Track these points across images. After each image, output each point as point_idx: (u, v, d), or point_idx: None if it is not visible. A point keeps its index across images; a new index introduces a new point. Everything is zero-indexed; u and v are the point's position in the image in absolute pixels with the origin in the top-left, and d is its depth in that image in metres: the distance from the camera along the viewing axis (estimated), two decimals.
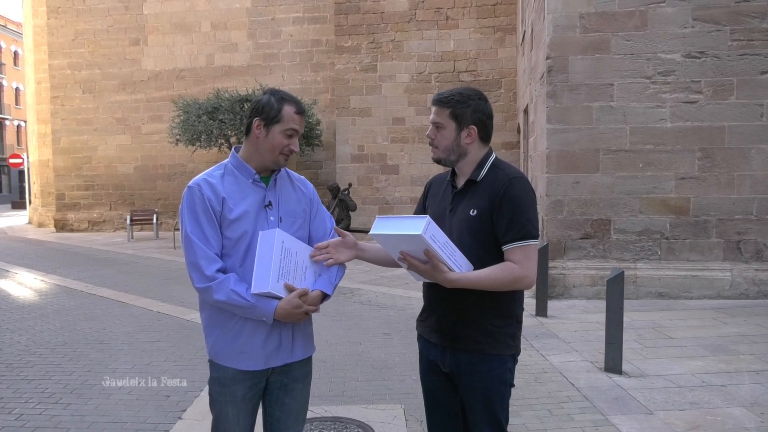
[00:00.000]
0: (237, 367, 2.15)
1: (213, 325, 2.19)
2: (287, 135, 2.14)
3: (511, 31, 14.21)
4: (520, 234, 2.01)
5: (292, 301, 2.08)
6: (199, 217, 2.09)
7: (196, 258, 2.07)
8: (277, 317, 2.08)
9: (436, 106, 2.17)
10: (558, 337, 5.65)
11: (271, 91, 2.19)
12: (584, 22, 7.31)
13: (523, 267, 2.00)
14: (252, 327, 2.14)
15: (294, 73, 16.46)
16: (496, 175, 2.11)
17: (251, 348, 2.14)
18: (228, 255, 2.12)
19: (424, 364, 2.34)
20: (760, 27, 7.02)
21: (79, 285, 9.09)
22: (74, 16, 17.63)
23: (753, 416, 3.71)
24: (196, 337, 5.97)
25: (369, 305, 7.37)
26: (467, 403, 2.18)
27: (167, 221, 17.04)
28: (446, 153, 2.16)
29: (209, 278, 2.06)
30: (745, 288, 7.04)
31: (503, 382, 2.14)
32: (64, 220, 18.20)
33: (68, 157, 18.03)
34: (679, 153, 7.21)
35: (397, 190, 14.80)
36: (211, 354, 2.21)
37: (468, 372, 2.13)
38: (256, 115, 2.15)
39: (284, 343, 2.19)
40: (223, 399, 2.18)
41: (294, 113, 2.15)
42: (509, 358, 2.16)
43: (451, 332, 2.15)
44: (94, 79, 17.70)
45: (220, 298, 2.05)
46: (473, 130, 2.13)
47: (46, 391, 4.48)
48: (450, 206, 2.18)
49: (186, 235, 2.09)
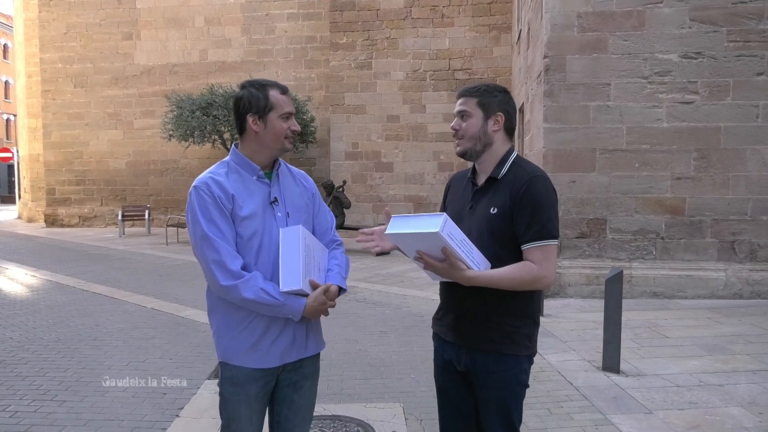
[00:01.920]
0: (251, 366, 2.12)
1: (227, 327, 2.15)
2: (284, 118, 2.12)
3: (506, 29, 14.22)
4: (540, 234, 1.99)
5: (318, 298, 2.07)
6: (213, 214, 2.04)
7: (220, 256, 2.01)
8: (306, 314, 2.07)
9: (463, 96, 2.16)
10: (555, 336, 5.66)
11: (248, 83, 2.16)
12: (582, 21, 7.32)
13: (542, 267, 1.99)
14: (265, 325, 2.11)
15: (288, 69, 16.38)
16: (517, 173, 2.09)
17: (265, 345, 2.12)
18: (241, 254, 2.07)
19: (439, 364, 2.33)
20: (756, 28, 7.05)
21: (71, 281, 9.00)
22: (66, 10, 17.46)
23: (751, 416, 3.72)
24: (192, 334, 5.93)
25: (365, 303, 7.35)
26: (482, 403, 2.17)
27: (159, 217, 16.94)
28: (472, 142, 2.14)
29: (236, 275, 2.00)
30: (739, 288, 7.08)
31: (519, 382, 2.13)
32: (54, 216, 18.04)
33: (59, 152, 17.87)
34: (675, 153, 7.24)
35: (391, 188, 14.79)
36: (224, 356, 2.17)
37: (484, 372, 2.12)
38: (246, 111, 2.11)
39: (298, 338, 2.17)
40: (237, 399, 2.15)
41: (280, 95, 2.13)
42: (525, 358, 2.14)
43: (468, 331, 2.14)
44: (85, 73, 17.55)
45: (248, 296, 2.00)
46: (500, 117, 2.12)
47: (41, 388, 4.42)
48: (470, 204, 2.16)
49: (203, 234, 2.02)
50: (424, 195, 14.65)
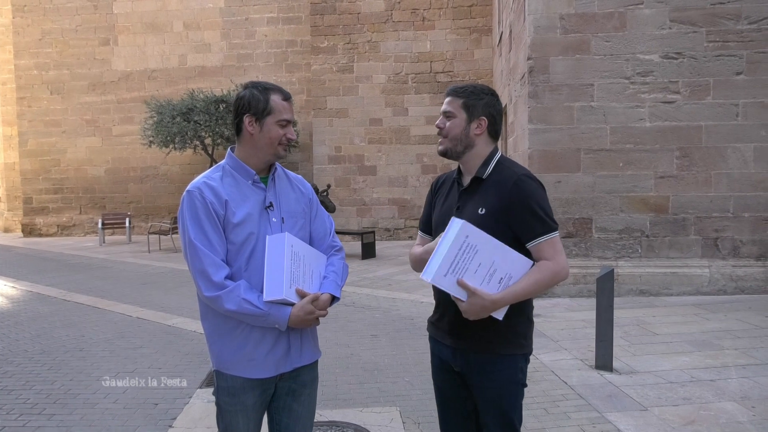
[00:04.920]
0: (246, 376, 2.09)
1: (218, 335, 2.11)
2: (281, 125, 2.09)
3: (486, 32, 14.30)
4: (543, 229, 2.02)
5: (305, 307, 2.03)
6: (202, 222, 2.01)
7: (203, 265, 1.99)
8: (291, 324, 2.03)
9: (449, 96, 2.17)
10: (546, 335, 5.68)
11: (252, 84, 2.13)
12: (565, 23, 7.38)
13: (556, 261, 2.02)
14: (259, 334, 2.08)
15: (269, 73, 16.27)
16: (503, 173, 2.11)
17: (260, 355, 2.08)
18: (232, 259, 2.05)
19: (435, 363, 2.32)
20: (734, 29, 7.17)
21: (52, 291, 8.83)
22: (41, 15, 17.17)
23: (745, 410, 3.76)
24: (180, 343, 5.85)
25: (354, 307, 7.31)
26: (480, 403, 2.16)
27: (140, 225, 16.71)
28: (453, 143, 2.15)
29: (218, 286, 1.98)
30: (722, 284, 7.18)
31: (515, 382, 2.13)
32: (32, 225, 17.70)
33: (36, 160, 17.54)
34: (658, 152, 7.33)
35: (374, 191, 14.77)
36: (217, 364, 2.13)
37: (480, 372, 2.12)
38: (244, 112, 2.08)
39: (293, 347, 2.14)
40: (233, 409, 2.11)
41: (282, 101, 2.10)
42: (521, 357, 2.15)
43: (464, 333, 2.13)
44: (62, 79, 17.26)
45: (231, 308, 1.97)
46: (483, 121, 2.14)
47: (28, 401, 4.32)
48: (457, 205, 2.17)
49: (190, 241, 2.01)
50: (407, 198, 14.66)
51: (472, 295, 1.96)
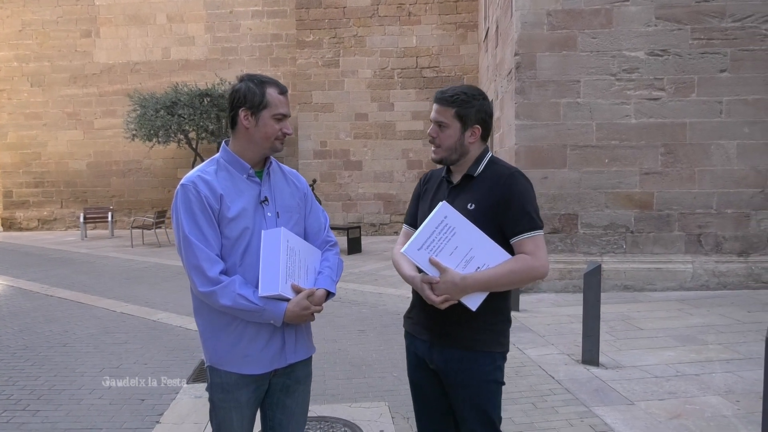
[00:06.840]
0: (240, 372, 2.07)
1: (212, 330, 2.09)
2: (277, 119, 2.07)
3: (472, 27, 14.31)
4: (528, 225, 2.03)
5: (300, 303, 2.02)
6: (197, 216, 1.99)
7: (198, 260, 1.96)
8: (286, 320, 2.02)
9: (439, 104, 2.14)
10: (532, 330, 5.71)
11: (248, 76, 2.10)
12: (551, 19, 7.40)
13: (535, 257, 2.01)
14: (254, 330, 2.06)
15: (253, 67, 16.12)
16: (495, 170, 2.12)
17: (254, 351, 2.06)
18: (227, 255, 2.03)
19: (411, 360, 2.31)
20: (719, 26, 7.24)
21: (34, 286, 8.70)
22: (21, 6, 16.85)
23: (729, 404, 3.82)
24: (165, 338, 5.80)
25: (340, 302, 7.30)
26: (455, 402, 2.15)
27: (122, 219, 16.53)
28: (449, 152, 2.15)
29: (213, 281, 1.96)
30: (705, 279, 7.27)
31: (493, 380, 2.13)
32: (12, 219, 17.43)
33: (16, 153, 17.25)
34: (643, 149, 7.39)
35: (360, 186, 14.75)
36: (211, 360, 2.11)
37: (456, 370, 2.11)
38: (239, 105, 2.05)
39: (288, 343, 2.12)
40: (227, 405, 2.09)
41: (278, 95, 2.07)
42: (499, 355, 2.14)
43: (441, 329, 2.13)
44: (43, 71, 16.97)
45: (226, 303, 1.96)
46: (477, 130, 2.14)
47: (12, 397, 4.26)
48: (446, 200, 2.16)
49: (184, 236, 1.98)
50: (393, 193, 14.65)
51: (443, 272, 1.97)
